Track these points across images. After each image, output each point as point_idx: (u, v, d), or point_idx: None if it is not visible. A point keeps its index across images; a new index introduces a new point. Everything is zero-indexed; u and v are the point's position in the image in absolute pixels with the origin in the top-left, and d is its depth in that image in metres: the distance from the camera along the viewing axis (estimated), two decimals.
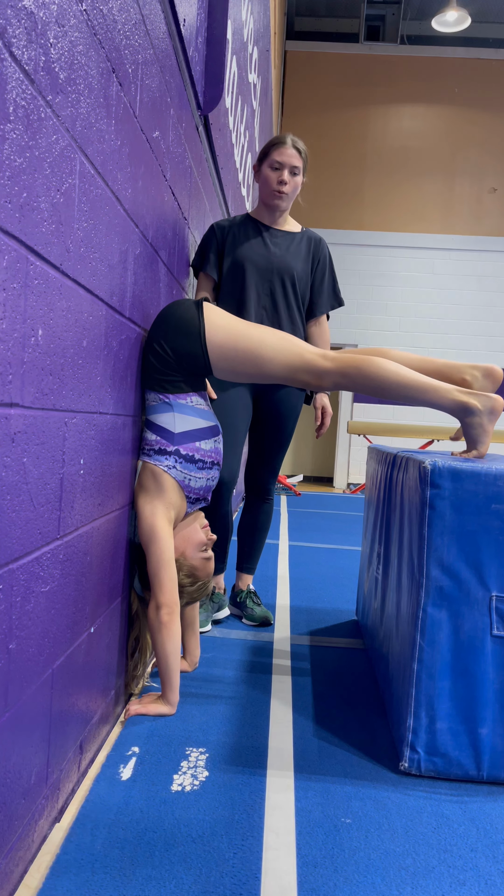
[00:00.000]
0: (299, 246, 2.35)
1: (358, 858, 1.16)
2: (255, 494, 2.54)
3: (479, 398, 1.62)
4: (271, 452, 2.47)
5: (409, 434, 7.13)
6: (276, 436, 2.44)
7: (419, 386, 1.65)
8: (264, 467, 2.49)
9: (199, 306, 1.69)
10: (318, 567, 3.56)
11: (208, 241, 2.31)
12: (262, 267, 2.29)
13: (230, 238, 2.32)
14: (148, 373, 1.67)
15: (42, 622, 1.04)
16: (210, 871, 1.09)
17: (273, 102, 6.87)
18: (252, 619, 2.47)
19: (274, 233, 2.34)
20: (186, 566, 1.70)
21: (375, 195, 9.06)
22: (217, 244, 2.31)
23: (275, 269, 2.29)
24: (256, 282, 2.29)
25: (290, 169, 2.24)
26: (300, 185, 2.31)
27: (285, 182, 2.24)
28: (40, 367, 0.97)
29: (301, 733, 1.61)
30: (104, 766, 1.38)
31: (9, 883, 0.98)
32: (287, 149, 2.23)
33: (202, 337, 1.65)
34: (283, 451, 2.49)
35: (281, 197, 2.27)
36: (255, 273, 2.28)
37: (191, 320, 1.66)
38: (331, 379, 1.67)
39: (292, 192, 2.28)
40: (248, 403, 2.36)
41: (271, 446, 2.45)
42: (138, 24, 1.40)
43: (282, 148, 2.23)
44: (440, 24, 8.26)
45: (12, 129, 0.84)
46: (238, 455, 2.38)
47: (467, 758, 1.43)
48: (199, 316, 1.67)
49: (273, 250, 2.31)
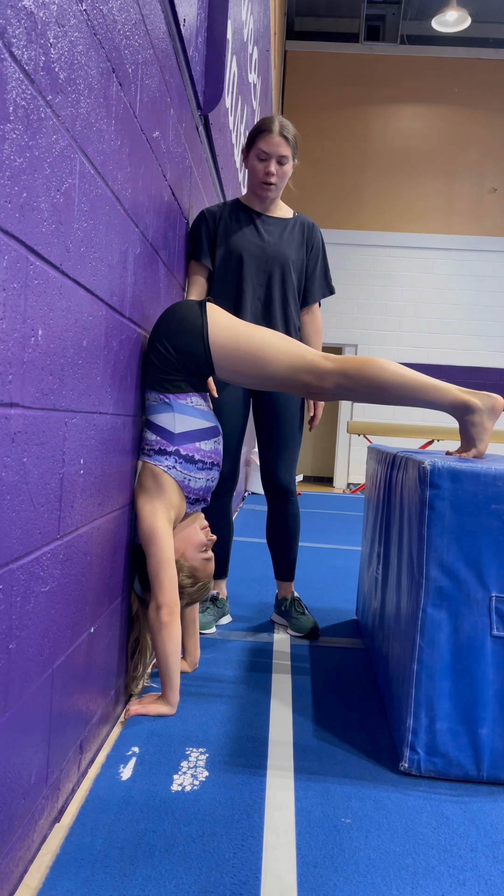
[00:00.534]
0: (293, 232, 2.29)
1: (358, 858, 1.16)
2: (277, 497, 2.39)
3: (480, 396, 1.64)
4: (282, 448, 2.34)
5: (409, 434, 7.13)
6: (284, 429, 2.33)
7: (420, 385, 1.66)
8: (279, 465, 2.35)
9: (201, 306, 1.70)
10: (318, 567, 3.56)
11: (199, 229, 2.24)
12: (257, 256, 2.23)
13: (222, 226, 2.24)
14: (149, 372, 1.67)
15: (42, 622, 1.04)
16: (210, 871, 1.09)
17: (273, 102, 6.87)
18: (298, 630, 2.32)
19: (266, 220, 2.28)
20: (187, 567, 1.70)
21: (375, 195, 9.06)
22: (209, 231, 2.24)
23: (269, 259, 2.23)
24: (252, 272, 2.23)
25: (277, 159, 2.16)
26: (290, 173, 2.23)
27: (272, 173, 2.17)
28: (40, 367, 0.97)
29: (301, 733, 1.61)
30: (104, 766, 1.38)
31: (9, 883, 0.98)
32: (273, 137, 2.13)
33: (205, 336, 1.66)
34: (294, 444, 2.36)
35: (269, 189, 2.20)
36: (251, 263, 2.22)
37: (194, 320, 1.66)
38: (332, 379, 1.68)
39: (281, 181, 2.21)
40: (246, 403, 2.33)
41: (281, 441, 2.34)
42: (138, 24, 1.40)
43: (267, 137, 2.14)
44: (440, 24, 8.26)
45: (12, 129, 0.84)
46: (236, 455, 2.37)
47: (467, 758, 1.43)
48: (202, 315, 1.67)
49: (267, 239, 2.25)
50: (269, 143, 2.15)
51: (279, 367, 1.68)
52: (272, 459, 2.36)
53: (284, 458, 2.36)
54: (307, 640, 2.29)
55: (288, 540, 2.42)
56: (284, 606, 2.41)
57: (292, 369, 1.69)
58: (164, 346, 1.65)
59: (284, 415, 2.33)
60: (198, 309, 1.69)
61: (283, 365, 1.68)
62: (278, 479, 2.36)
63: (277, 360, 1.68)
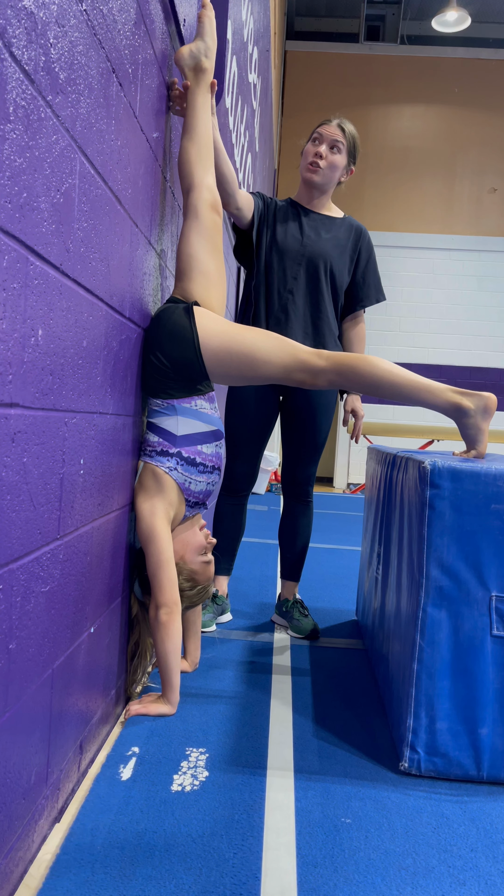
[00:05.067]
0: (338, 232, 2.27)
1: (358, 858, 1.16)
2: (293, 497, 2.40)
3: (472, 398, 1.64)
4: (306, 452, 2.33)
5: (409, 434, 7.13)
6: (310, 434, 2.31)
7: (413, 385, 1.66)
8: (300, 467, 2.35)
9: (188, 313, 1.67)
10: (318, 567, 3.56)
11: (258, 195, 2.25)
12: (293, 250, 2.21)
13: (271, 214, 2.26)
14: (149, 382, 1.67)
15: (42, 622, 1.04)
16: (210, 871, 1.09)
17: (273, 102, 6.87)
18: (298, 632, 2.31)
19: (312, 216, 2.27)
20: (186, 570, 1.70)
21: (375, 195, 9.06)
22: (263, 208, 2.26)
23: (306, 255, 2.21)
24: (285, 264, 2.22)
25: (329, 143, 2.18)
26: (341, 166, 2.22)
27: (321, 155, 2.18)
28: (40, 367, 0.98)
29: (301, 733, 1.61)
30: (104, 766, 1.38)
31: (9, 883, 0.98)
32: (330, 125, 2.19)
33: (196, 345, 1.65)
34: (317, 450, 2.34)
35: (315, 171, 2.20)
36: (286, 255, 2.21)
37: (184, 328, 1.65)
38: (326, 377, 1.68)
39: (329, 168, 2.20)
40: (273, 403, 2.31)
41: (305, 445, 2.32)
42: (138, 24, 1.40)
43: (326, 125, 2.20)
44: (440, 24, 8.26)
45: (12, 129, 0.84)
46: (257, 457, 2.35)
47: (467, 758, 1.43)
48: (191, 324, 1.66)
49: (308, 233, 2.23)
50: (325, 128, 2.20)
51: (272, 368, 1.68)
52: (295, 462, 2.36)
53: (307, 462, 2.35)
54: (307, 641, 2.30)
55: (297, 538, 2.42)
56: (286, 607, 2.41)
57: (285, 369, 1.68)
58: (157, 359, 1.64)
59: (315, 424, 2.31)
60: (186, 318, 1.66)
61: (276, 365, 1.68)
62: (299, 481, 2.37)
63: (270, 361, 1.68)
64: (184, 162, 1.77)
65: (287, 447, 2.37)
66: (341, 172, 2.25)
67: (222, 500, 2.40)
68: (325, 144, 2.19)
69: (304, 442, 2.32)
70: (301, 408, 2.29)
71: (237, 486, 2.36)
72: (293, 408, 2.31)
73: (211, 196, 1.77)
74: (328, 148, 2.19)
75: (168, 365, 1.64)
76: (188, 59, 1.73)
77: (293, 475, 2.37)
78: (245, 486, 2.38)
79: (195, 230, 1.75)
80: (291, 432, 2.34)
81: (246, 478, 2.36)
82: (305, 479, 2.37)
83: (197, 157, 1.76)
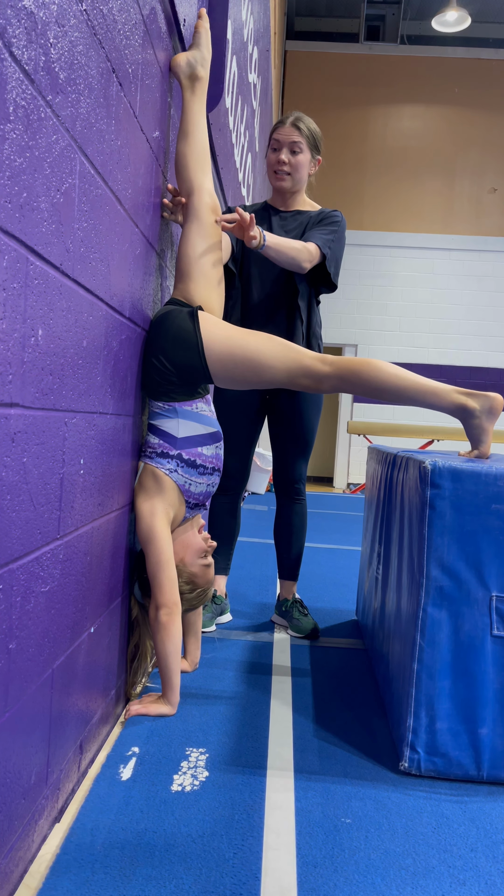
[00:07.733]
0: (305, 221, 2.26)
1: (358, 858, 1.16)
2: (285, 495, 2.40)
3: (478, 398, 1.63)
4: (295, 450, 2.33)
5: (409, 434, 7.13)
6: (298, 431, 2.31)
7: (417, 389, 1.66)
8: (289, 466, 2.35)
9: (193, 317, 1.68)
10: (318, 567, 3.56)
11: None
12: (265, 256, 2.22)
13: None
14: (150, 384, 1.67)
15: (42, 622, 1.04)
16: (210, 871, 1.09)
17: (273, 102, 6.87)
18: (298, 631, 2.31)
19: (283, 215, 2.28)
20: (186, 573, 1.70)
21: (375, 195, 9.06)
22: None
23: None
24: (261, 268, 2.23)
25: (288, 146, 2.18)
26: (306, 164, 2.21)
27: (284, 161, 2.18)
28: (40, 367, 0.97)
29: (301, 733, 1.61)
30: (104, 766, 1.38)
31: (9, 883, 0.98)
32: (284, 127, 2.18)
33: (200, 350, 1.65)
34: (307, 447, 2.35)
35: (282, 178, 2.21)
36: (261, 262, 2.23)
37: (188, 333, 1.65)
38: (330, 383, 1.69)
39: (295, 171, 2.21)
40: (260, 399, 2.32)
41: (293, 443, 2.32)
42: (138, 24, 1.40)
43: (280, 128, 2.19)
44: (440, 24, 8.26)
45: (12, 129, 0.84)
46: (247, 455, 2.36)
47: (467, 758, 1.43)
48: (196, 329, 1.66)
49: (278, 234, 2.23)
50: (280, 133, 2.19)
51: (276, 374, 1.68)
52: (285, 460, 2.36)
53: (297, 460, 2.36)
54: (307, 641, 2.29)
55: (291, 537, 2.42)
56: (286, 607, 2.41)
57: (289, 374, 1.69)
58: (160, 362, 1.64)
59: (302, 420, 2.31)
60: (190, 322, 1.67)
61: (280, 371, 1.68)
62: (289, 479, 2.37)
63: (274, 367, 1.68)
64: (182, 167, 1.77)
65: (276, 446, 2.37)
66: (308, 168, 2.25)
67: (214, 500, 2.41)
68: (285, 149, 2.19)
69: (292, 439, 2.32)
70: (287, 405, 2.30)
71: (228, 484, 2.37)
72: (279, 406, 2.31)
73: (211, 200, 1.78)
74: (289, 152, 2.19)
75: (171, 369, 1.64)
76: (185, 68, 1.75)
77: (284, 474, 2.38)
78: (236, 484, 2.38)
79: (196, 232, 1.76)
80: (279, 430, 2.34)
81: (237, 474, 2.37)
82: (296, 477, 2.37)
83: (195, 161, 1.77)
